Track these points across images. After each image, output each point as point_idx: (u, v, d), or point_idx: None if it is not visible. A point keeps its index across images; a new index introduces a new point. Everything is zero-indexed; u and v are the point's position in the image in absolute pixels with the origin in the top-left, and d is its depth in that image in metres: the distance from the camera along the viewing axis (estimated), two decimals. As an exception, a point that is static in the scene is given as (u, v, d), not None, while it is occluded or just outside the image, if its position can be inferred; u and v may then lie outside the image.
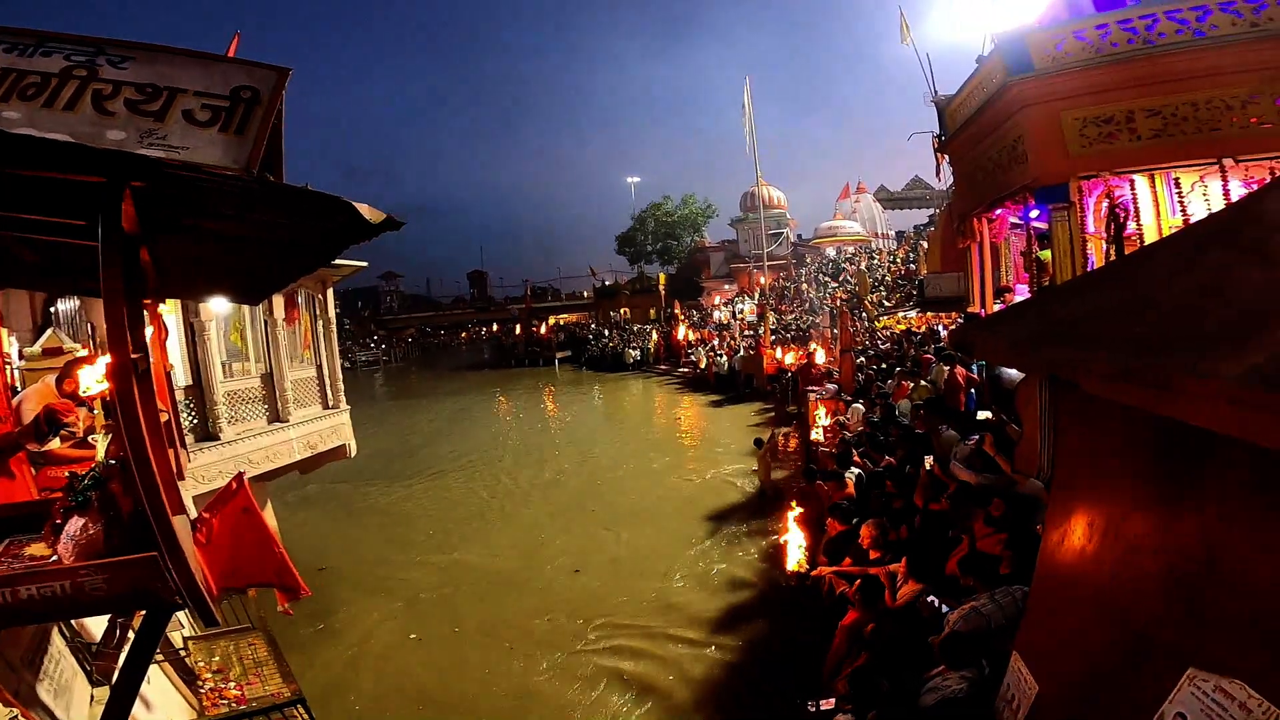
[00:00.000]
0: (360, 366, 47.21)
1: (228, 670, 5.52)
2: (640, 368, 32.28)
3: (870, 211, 44.94)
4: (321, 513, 11.80)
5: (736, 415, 18.19)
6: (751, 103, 26.27)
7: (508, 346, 45.37)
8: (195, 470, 7.05)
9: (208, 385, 7.56)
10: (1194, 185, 8.34)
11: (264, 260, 3.01)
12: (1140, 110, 8.30)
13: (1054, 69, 8.62)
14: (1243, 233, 1.47)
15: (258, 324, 8.70)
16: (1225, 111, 7.83)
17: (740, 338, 27.68)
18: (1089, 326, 1.74)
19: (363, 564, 9.22)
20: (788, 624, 6.47)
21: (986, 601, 3.87)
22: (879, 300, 27.44)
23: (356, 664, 6.61)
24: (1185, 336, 1.29)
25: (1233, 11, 7.68)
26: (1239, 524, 1.50)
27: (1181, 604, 1.58)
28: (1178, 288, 1.56)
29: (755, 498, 10.67)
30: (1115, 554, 1.98)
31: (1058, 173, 8.81)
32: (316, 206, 1.95)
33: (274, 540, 3.83)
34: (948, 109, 12.09)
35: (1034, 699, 2.20)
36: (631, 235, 51.56)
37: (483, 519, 11.02)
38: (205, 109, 2.00)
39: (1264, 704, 1.26)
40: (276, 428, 8.44)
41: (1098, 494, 2.15)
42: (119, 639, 3.96)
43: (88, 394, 3.18)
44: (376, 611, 7.70)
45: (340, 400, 9.87)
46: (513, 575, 8.49)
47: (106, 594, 2.20)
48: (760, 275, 36.13)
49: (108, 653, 3.92)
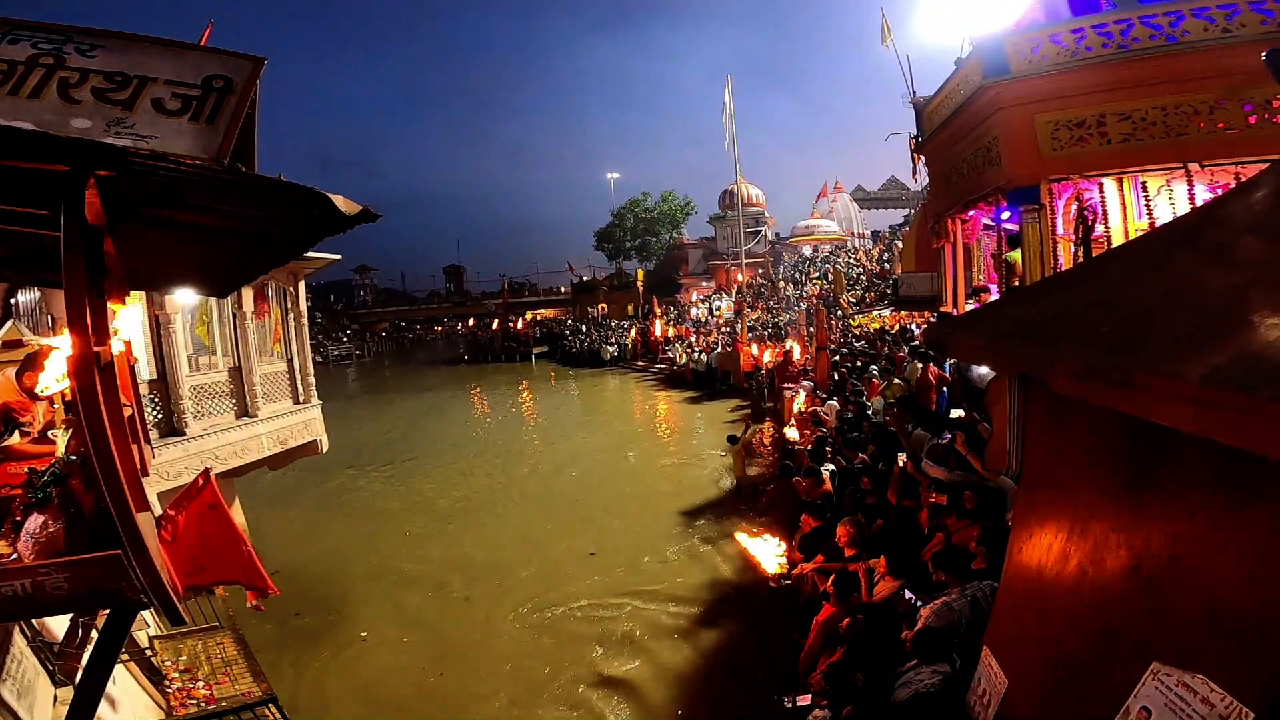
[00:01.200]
0: (332, 361, 46.47)
1: (196, 669, 5.42)
2: (617, 364, 32.22)
3: (847, 211, 45.42)
4: (293, 509, 11.59)
5: (713, 412, 18.26)
6: (733, 100, 26.39)
7: (484, 342, 44.92)
8: (160, 466, 6.89)
9: (173, 379, 7.38)
10: (1160, 189, 8.53)
11: (234, 252, 2.94)
12: (1111, 114, 8.46)
13: (1030, 72, 8.75)
14: (1206, 237, 1.51)
15: (225, 317, 8.52)
16: (1193, 116, 8.01)
17: (717, 335, 27.80)
18: (1058, 326, 1.77)
19: (335, 562, 9.08)
20: (764, 620, 6.52)
21: (958, 596, 3.94)
22: (854, 299, 27.76)
23: (333, 666, 6.51)
24: (1150, 337, 1.32)
25: (1205, 17, 7.82)
26: (1200, 521, 1.53)
27: (1145, 599, 1.62)
28: (1144, 290, 1.60)
29: (731, 494, 10.72)
30: (1081, 550, 2.01)
31: (1029, 175, 8.95)
32: (290, 198, 1.91)
33: (241, 538, 3.76)
34: (925, 110, 12.25)
35: (1004, 692, 2.24)
36: (610, 231, 51.43)
37: (455, 518, 10.89)
38: (176, 98, 1.96)
39: (1225, 697, 1.30)
40: (245, 423, 8.28)
41: (1065, 491, 2.19)
42: (82, 638, 3.87)
43: (45, 392, 3.09)
44: (350, 610, 7.60)
45: (312, 395, 9.70)
46: (488, 572, 8.43)
47: (69, 593, 2.16)
48: (738, 273, 36.35)
49: (71, 652, 3.83)
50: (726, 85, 26.48)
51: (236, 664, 5.56)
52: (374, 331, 61.34)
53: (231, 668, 5.50)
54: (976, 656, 2.71)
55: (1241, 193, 1.62)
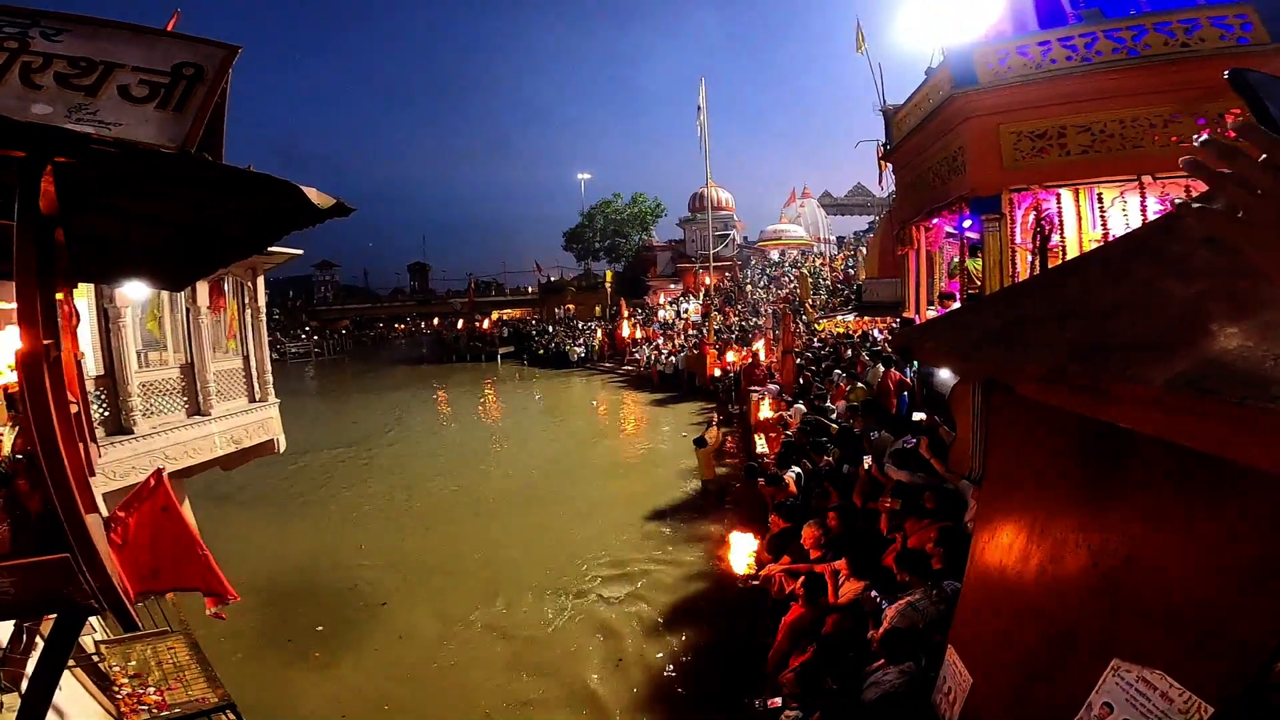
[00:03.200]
0: (289, 359, 45.27)
1: (146, 675, 5.23)
2: (584, 365, 32.11)
3: (814, 216, 46.11)
4: (248, 512, 11.24)
5: (679, 414, 18.32)
6: (706, 104, 26.53)
7: (448, 341, 44.28)
8: (106, 465, 6.62)
9: (121, 375, 7.10)
10: (1114, 200, 8.84)
11: (194, 245, 2.83)
12: (1072, 126, 8.74)
13: (996, 83, 8.98)
14: (1165, 248, 1.57)
15: (178, 311, 8.23)
16: (1149, 130, 8.33)
17: (684, 337, 27.92)
18: (1024, 333, 1.83)
19: (289, 566, 8.84)
20: (732, 621, 6.56)
21: (921, 596, 4.02)
22: (819, 303, 28.19)
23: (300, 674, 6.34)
24: (1114, 344, 1.37)
25: (1166, 32, 8.15)
26: (1157, 521, 1.59)
27: (1104, 598, 1.67)
28: (1105, 298, 1.65)
29: (697, 496, 10.77)
30: (1042, 550, 2.07)
31: (992, 184, 9.19)
32: (260, 189, 1.85)
33: (197, 541, 3.63)
34: (895, 118, 12.51)
35: (969, 690, 2.29)
36: (579, 232, 51.25)
37: (413, 524, 10.65)
38: (143, 85, 1.89)
39: (1183, 692, 1.35)
40: (197, 421, 8.01)
41: (1026, 493, 2.25)
42: (27, 644, 3.71)
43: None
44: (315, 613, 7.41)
45: (269, 393, 9.43)
46: (449, 577, 8.30)
47: (15, 598, 2.08)
48: (706, 275, 36.54)
49: (15, 658, 3.68)
50: (700, 88, 26.54)
51: (189, 669, 5.37)
52: (334, 329, 59.92)
53: (184, 673, 5.30)
54: (940, 655, 2.76)
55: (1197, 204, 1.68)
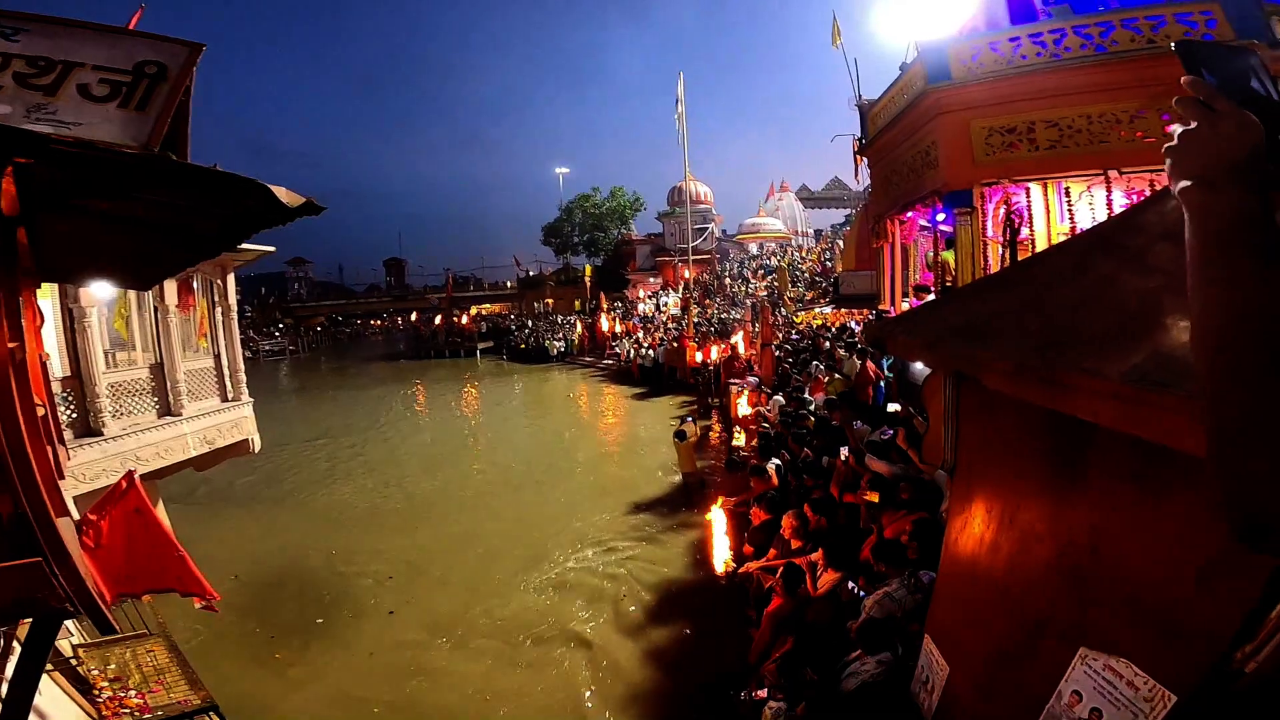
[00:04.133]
0: (263, 356, 44.52)
1: (126, 678, 5.16)
2: (564, 359, 32.03)
3: (792, 210, 46.41)
4: (225, 512, 11.06)
5: (659, 408, 18.37)
6: (685, 97, 26.46)
7: (426, 337, 43.90)
8: (76, 468, 6.47)
9: (88, 376, 6.93)
10: (1081, 194, 9.02)
11: (160, 244, 2.78)
12: (1040, 121, 8.89)
13: (969, 79, 9.10)
14: (1125, 242, 1.61)
15: (146, 310, 8.05)
16: (1114, 125, 8.49)
17: (664, 330, 27.95)
18: (990, 326, 1.87)
19: (269, 566, 8.73)
20: (715, 613, 6.61)
21: (898, 587, 4.09)
22: (798, 295, 28.39)
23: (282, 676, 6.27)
24: (1074, 337, 1.41)
25: (1133, 28, 8.29)
26: (1118, 511, 1.63)
27: (1071, 587, 1.71)
28: (1068, 292, 1.70)
29: (678, 489, 10.82)
30: (1011, 540, 2.11)
31: (964, 179, 9.33)
32: (226, 188, 1.82)
33: (172, 543, 3.59)
34: (870, 113, 12.60)
35: (946, 679, 2.34)
36: (558, 226, 50.97)
37: (397, 519, 10.59)
38: (104, 84, 1.86)
39: (1148, 680, 1.39)
40: (168, 422, 7.86)
41: (995, 484, 2.29)
42: (4, 649, 3.63)
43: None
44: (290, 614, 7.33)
45: (242, 392, 9.28)
46: (432, 575, 8.27)
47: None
48: (685, 269, 36.58)
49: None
50: (679, 82, 26.46)
51: (170, 671, 5.30)
52: (309, 326, 59.00)
53: (164, 675, 5.23)
54: (919, 645, 2.81)
55: (1156, 201, 1.73)
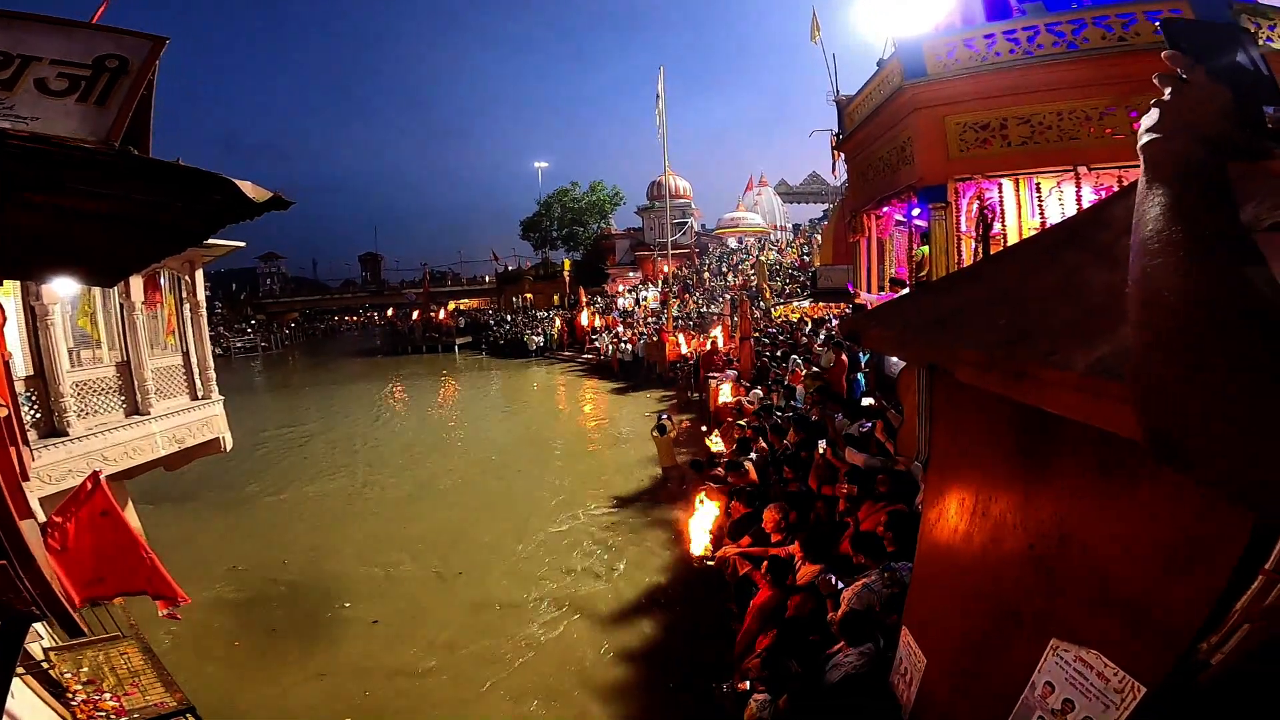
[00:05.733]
0: (234, 353, 43.70)
1: (100, 681, 5.06)
2: (543, 354, 31.93)
3: (770, 204, 46.63)
4: (198, 511, 10.83)
5: (639, 402, 18.40)
6: (664, 92, 26.41)
7: (403, 332, 43.44)
8: (41, 469, 6.30)
9: (52, 375, 6.74)
10: (1051, 190, 9.19)
11: (125, 239, 2.70)
12: (1013, 118, 9.05)
13: (944, 75, 9.22)
14: (1093, 236, 1.64)
15: (112, 307, 7.85)
16: (1084, 122, 8.66)
17: (644, 325, 27.95)
18: (961, 318, 1.89)
19: (245, 565, 8.57)
20: (696, 606, 6.64)
21: (876, 578, 4.15)
22: (776, 289, 28.56)
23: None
24: (1041, 330, 1.43)
25: (1104, 26, 8.45)
26: (1086, 503, 1.66)
27: (1041, 579, 1.74)
28: (1037, 285, 1.72)
29: (657, 483, 10.85)
30: (984, 532, 2.14)
31: (939, 174, 9.46)
32: (189, 183, 1.77)
33: (141, 545, 3.52)
34: (847, 109, 12.70)
35: (923, 670, 2.37)
36: (537, 220, 50.65)
37: (375, 516, 10.46)
38: (62, 78, 1.82)
39: (1118, 672, 1.41)
40: (136, 421, 7.68)
41: (968, 475, 2.32)
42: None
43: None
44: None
45: (212, 390, 9.10)
46: (410, 573, 8.18)
47: None
48: (664, 263, 36.62)
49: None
50: (659, 77, 26.41)
51: (144, 674, 5.20)
52: (282, 322, 58.01)
53: (139, 678, 5.14)
54: (898, 636, 2.84)
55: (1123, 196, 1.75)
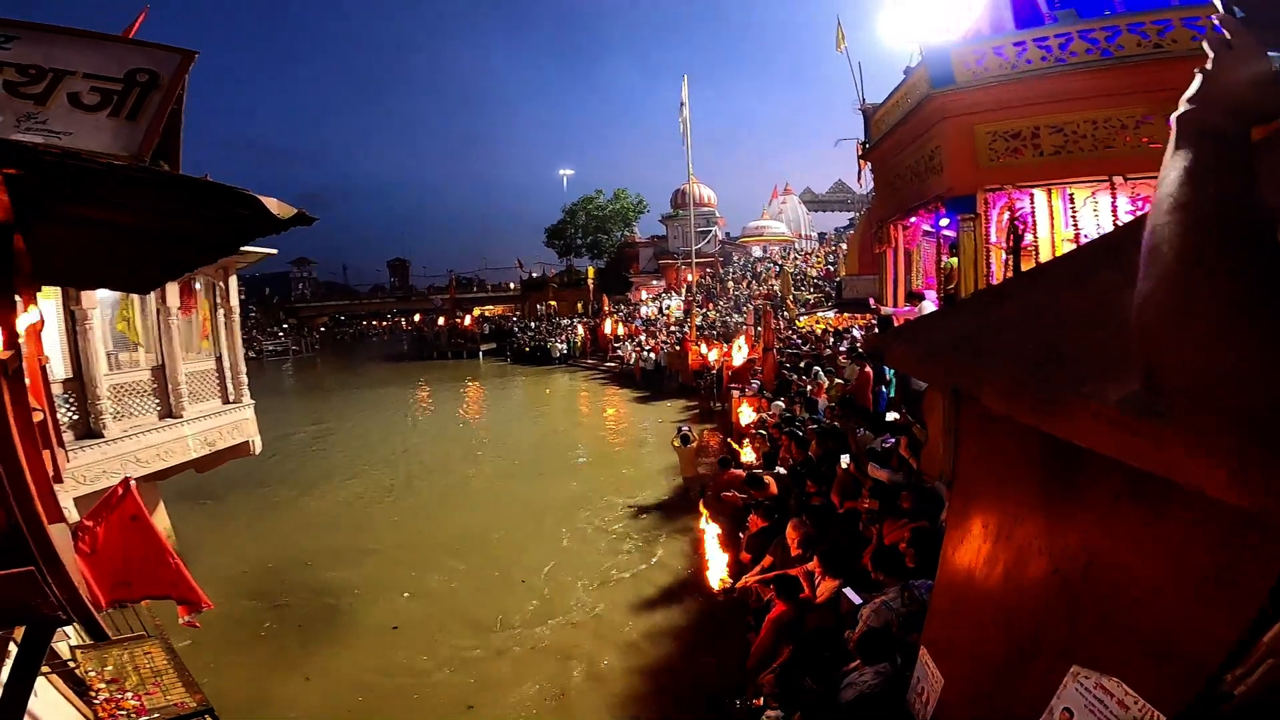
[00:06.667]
0: (266, 357, 44.70)
1: (123, 680, 5.16)
2: (566, 362, 32.06)
3: (795, 212, 46.35)
4: (226, 511, 11.05)
5: (661, 411, 18.35)
6: (689, 100, 26.44)
7: (429, 338, 44.04)
8: (76, 470, 6.48)
9: (90, 378, 6.94)
10: (1085, 200, 8.94)
11: (158, 250, 2.77)
12: (1045, 127, 8.80)
13: (973, 83, 9.02)
14: (1130, 255, 1.57)
15: (149, 312, 8.06)
16: (1120, 130, 8.39)
17: (667, 334, 27.93)
18: (988, 340, 1.83)
19: (269, 566, 8.72)
20: (713, 619, 6.58)
21: (895, 596, 4.07)
22: (801, 299, 28.34)
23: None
24: (1073, 357, 1.38)
25: (1140, 33, 8.18)
26: (1114, 530, 1.61)
27: (1064, 604, 1.69)
28: (1069, 307, 1.66)
29: (678, 494, 10.80)
30: (1007, 556, 2.09)
31: (968, 184, 9.26)
32: (217, 199, 1.81)
33: (168, 550, 3.59)
34: (874, 117, 12.56)
35: (940, 692, 2.32)
36: (561, 228, 50.97)
37: (400, 518, 10.60)
38: (94, 92, 1.86)
39: (1138, 700, 1.36)
40: (169, 424, 7.87)
41: (993, 499, 2.27)
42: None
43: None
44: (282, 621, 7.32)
45: (243, 394, 9.29)
46: (433, 576, 8.24)
47: None
48: (688, 272, 36.55)
49: (-12, 667, 3.61)
50: (683, 85, 26.45)
51: (166, 674, 5.30)
52: (313, 327, 59.21)
53: (161, 678, 5.24)
54: (915, 655, 2.79)
55: None
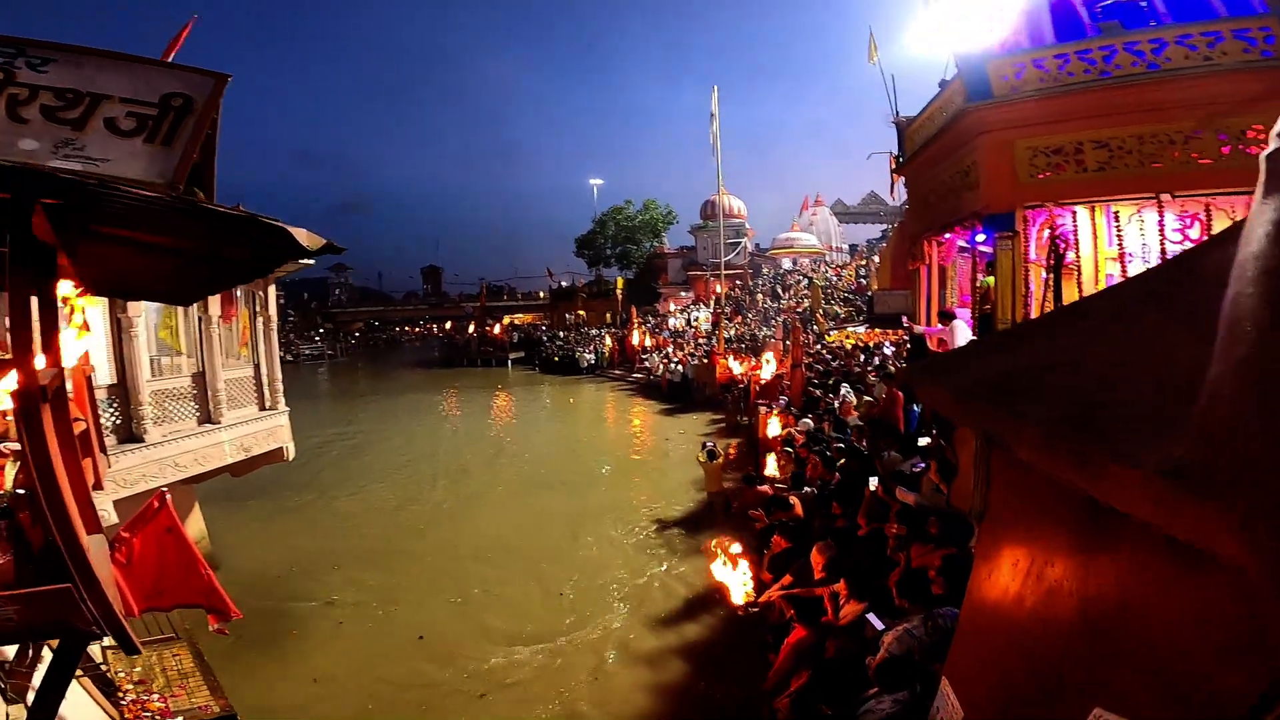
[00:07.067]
0: (303, 360, 45.83)
1: (150, 682, 5.28)
2: (594, 372, 32.16)
3: (826, 224, 45.97)
4: (256, 512, 11.28)
5: (687, 424, 18.26)
6: (719, 112, 26.47)
7: (460, 345, 44.68)
8: (117, 474, 6.68)
9: (133, 384, 7.16)
10: (1131, 218, 8.54)
11: (196, 270, 2.85)
12: (1089, 142, 8.45)
13: (1011, 97, 8.73)
14: (1177, 295, 1.50)
15: (191, 320, 8.30)
16: (1168, 146, 8.03)
17: (694, 346, 27.83)
18: (1023, 382, 1.77)
19: (297, 570, 8.86)
20: (732, 637, 6.49)
21: (919, 623, 3.96)
22: (830, 313, 28.02)
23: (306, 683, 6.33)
24: (1113, 410, 1.31)
25: (1188, 45, 7.86)
26: (1147, 578, 1.55)
27: (1091, 646, 1.65)
28: (1110, 350, 1.60)
29: (703, 508, 10.70)
30: (1036, 594, 2.04)
31: (1006, 201, 8.96)
32: (249, 229, 1.84)
33: (199, 561, 3.67)
34: (908, 130, 12.37)
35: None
36: (591, 238, 51.26)
37: (415, 534, 10.59)
38: (130, 117, 1.87)
39: (1160, 746, 1.31)
40: (207, 429, 8.07)
41: (1024, 537, 2.21)
42: (33, 658, 3.76)
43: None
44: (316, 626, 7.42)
45: (279, 401, 9.49)
46: (454, 585, 8.28)
47: (18, 625, 2.12)
48: (716, 284, 36.45)
49: (21, 671, 3.73)
50: (713, 96, 26.49)
51: (193, 677, 5.41)
52: (348, 331, 60.55)
53: (188, 680, 5.35)
54: (936, 684, 2.74)
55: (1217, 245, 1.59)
